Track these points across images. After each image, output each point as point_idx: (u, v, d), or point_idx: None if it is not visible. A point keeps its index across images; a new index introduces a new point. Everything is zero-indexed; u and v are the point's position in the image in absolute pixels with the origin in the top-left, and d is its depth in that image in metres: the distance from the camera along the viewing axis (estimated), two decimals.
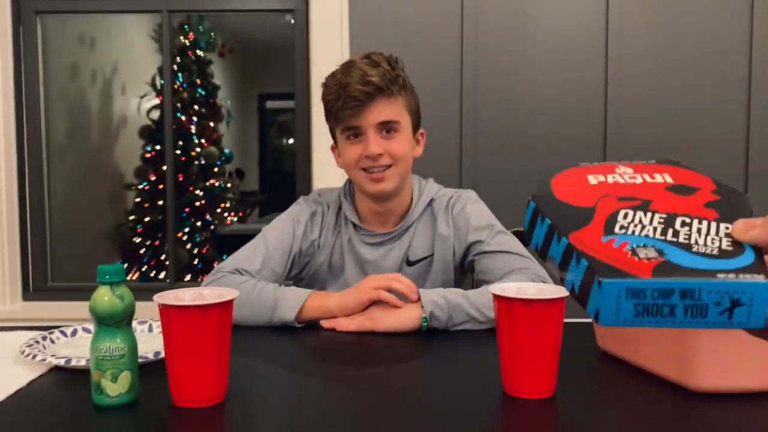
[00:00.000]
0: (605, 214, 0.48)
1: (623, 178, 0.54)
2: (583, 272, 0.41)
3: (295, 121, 2.43)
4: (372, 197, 1.34)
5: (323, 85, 1.33)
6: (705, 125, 2.30)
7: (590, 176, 0.53)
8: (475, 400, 0.80)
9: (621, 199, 0.51)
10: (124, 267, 0.80)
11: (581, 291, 0.42)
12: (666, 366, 0.86)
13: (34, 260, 2.48)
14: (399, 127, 1.31)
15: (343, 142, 1.33)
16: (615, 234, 0.46)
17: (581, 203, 0.50)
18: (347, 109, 1.27)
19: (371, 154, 1.28)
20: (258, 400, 0.81)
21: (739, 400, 0.79)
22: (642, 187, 0.53)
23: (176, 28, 4.29)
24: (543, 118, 2.30)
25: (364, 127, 1.28)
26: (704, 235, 0.46)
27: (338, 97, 1.27)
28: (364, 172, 1.30)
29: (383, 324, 1.14)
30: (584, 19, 2.28)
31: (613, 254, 0.43)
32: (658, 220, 0.47)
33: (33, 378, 0.89)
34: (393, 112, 1.29)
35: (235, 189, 4.98)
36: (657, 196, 0.51)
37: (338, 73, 1.29)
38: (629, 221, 0.47)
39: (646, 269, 0.41)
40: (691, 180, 0.54)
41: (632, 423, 0.73)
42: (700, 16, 2.28)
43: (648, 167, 0.57)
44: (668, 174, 0.55)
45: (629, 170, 0.55)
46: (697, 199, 0.51)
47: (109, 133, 4.37)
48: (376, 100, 1.27)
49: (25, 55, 2.43)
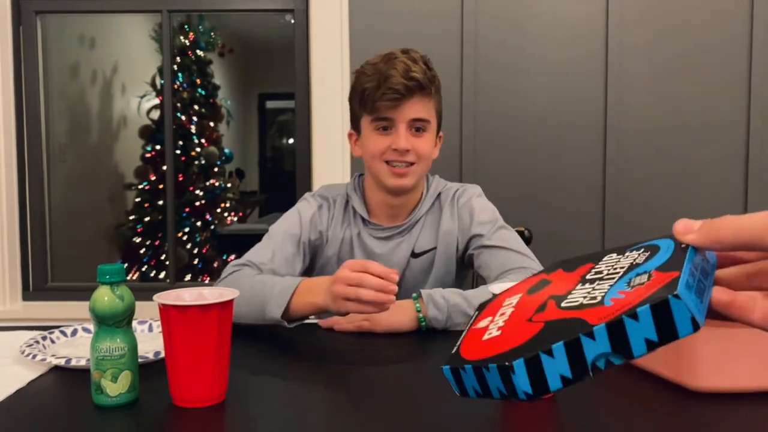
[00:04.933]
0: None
1: (510, 308, 0.52)
2: (650, 315, 0.40)
3: (295, 121, 2.43)
4: (390, 191, 1.34)
5: (359, 72, 1.33)
6: (705, 124, 2.30)
7: (485, 336, 0.50)
8: (475, 400, 0.80)
9: (531, 293, 0.51)
10: (124, 267, 0.80)
11: (660, 325, 0.40)
12: (666, 366, 0.86)
13: (34, 260, 2.48)
14: (428, 126, 1.32)
15: (371, 132, 1.33)
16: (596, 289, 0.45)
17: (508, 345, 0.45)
18: (386, 100, 1.27)
19: (400, 148, 1.28)
20: (258, 400, 0.81)
21: (739, 400, 0.79)
22: (527, 298, 0.51)
23: (176, 28, 4.29)
24: (543, 116, 2.30)
25: (397, 121, 1.29)
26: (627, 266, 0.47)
27: (378, 86, 1.27)
28: (386, 164, 1.31)
29: (381, 324, 1.14)
30: (584, 15, 2.28)
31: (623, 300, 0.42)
32: (591, 284, 0.47)
33: (33, 378, 0.89)
34: (426, 111, 1.31)
35: (235, 189, 4.98)
36: (553, 283, 0.51)
37: (379, 62, 1.29)
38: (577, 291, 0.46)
39: (658, 282, 0.41)
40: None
41: (632, 423, 0.73)
42: (700, 15, 2.28)
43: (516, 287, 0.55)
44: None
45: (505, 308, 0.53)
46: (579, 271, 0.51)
47: (109, 133, 4.37)
48: (414, 97, 1.28)
49: (25, 55, 2.43)
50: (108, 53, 4.34)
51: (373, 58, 1.32)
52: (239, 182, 5.65)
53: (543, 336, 0.43)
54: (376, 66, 1.30)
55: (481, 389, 0.45)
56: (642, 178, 2.31)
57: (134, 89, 4.45)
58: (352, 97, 1.38)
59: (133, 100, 4.47)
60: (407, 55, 1.30)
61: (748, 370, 0.81)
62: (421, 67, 1.29)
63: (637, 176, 2.31)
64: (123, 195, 4.33)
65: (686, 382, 0.82)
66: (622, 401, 0.80)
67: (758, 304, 0.42)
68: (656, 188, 2.31)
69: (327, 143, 2.28)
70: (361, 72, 1.33)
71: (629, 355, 0.40)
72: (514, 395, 0.42)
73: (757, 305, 0.42)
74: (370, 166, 1.36)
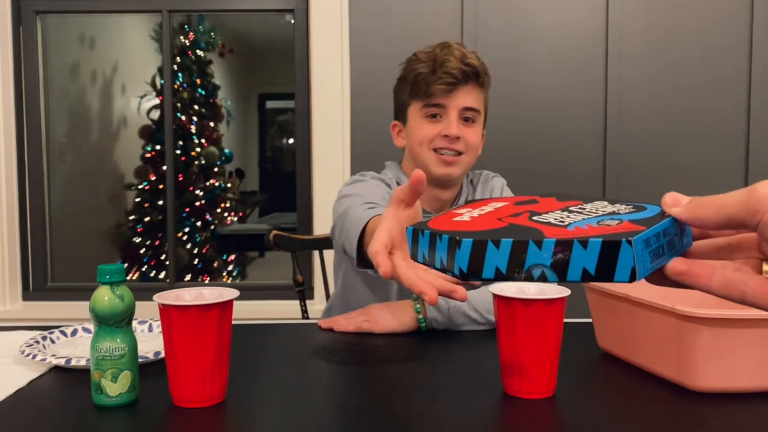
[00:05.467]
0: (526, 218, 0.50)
1: (492, 207, 0.56)
2: (598, 248, 0.42)
3: (295, 121, 2.43)
4: (435, 181, 1.32)
5: (411, 59, 1.32)
6: (705, 124, 2.30)
7: (456, 218, 0.53)
8: (475, 400, 0.80)
9: (518, 204, 0.54)
10: (124, 267, 0.80)
11: (603, 261, 0.42)
12: (666, 366, 0.86)
13: (34, 260, 2.48)
14: (477, 118, 1.32)
15: (420, 119, 1.31)
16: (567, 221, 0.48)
17: (480, 227, 0.50)
18: (442, 84, 1.26)
19: (451, 134, 1.27)
20: (258, 400, 0.81)
21: (739, 400, 0.79)
22: (513, 206, 0.55)
23: (176, 28, 4.29)
24: (543, 117, 2.30)
25: (449, 108, 1.28)
26: (610, 205, 0.51)
27: (433, 71, 1.26)
28: (434, 153, 1.29)
29: (381, 325, 1.14)
30: (584, 17, 2.28)
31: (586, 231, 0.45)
32: (569, 212, 0.50)
33: (33, 378, 0.89)
34: (478, 101, 1.31)
35: (235, 189, 4.98)
36: (539, 203, 0.54)
37: (434, 49, 1.29)
38: (556, 216, 0.49)
39: (623, 228, 0.44)
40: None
41: (632, 423, 0.73)
42: (700, 15, 2.28)
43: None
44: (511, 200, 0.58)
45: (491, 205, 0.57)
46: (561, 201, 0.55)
47: (109, 133, 4.37)
48: (469, 84, 1.28)
49: (25, 55, 2.43)
50: (108, 53, 4.34)
51: (425, 47, 1.32)
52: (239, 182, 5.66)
53: (501, 231, 0.47)
54: (430, 53, 1.29)
55: (428, 257, 0.50)
56: (642, 179, 2.31)
57: (134, 89, 4.45)
58: (400, 85, 1.36)
59: (133, 100, 4.47)
60: (460, 44, 1.31)
61: (748, 370, 0.81)
62: (476, 57, 1.30)
63: (637, 177, 2.31)
64: (123, 195, 4.33)
65: (686, 382, 0.82)
66: (622, 401, 0.80)
67: (716, 272, 0.43)
68: (656, 190, 2.31)
69: (327, 143, 2.28)
70: (413, 59, 1.32)
71: (563, 276, 0.43)
72: (451, 270, 0.47)
73: (716, 273, 0.43)
74: (416, 155, 1.32)
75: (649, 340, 0.88)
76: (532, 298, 0.79)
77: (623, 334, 0.94)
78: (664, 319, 0.84)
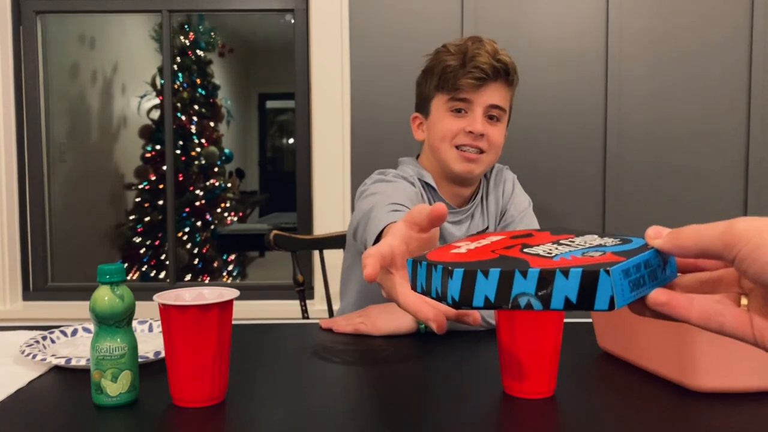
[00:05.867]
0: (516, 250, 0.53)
1: (488, 240, 0.58)
2: (579, 278, 0.44)
3: (295, 121, 2.43)
4: (456, 178, 1.29)
5: (439, 51, 1.29)
6: (705, 123, 2.30)
7: (453, 250, 0.55)
8: (475, 400, 0.80)
9: (513, 238, 0.57)
10: (124, 267, 0.80)
11: (583, 290, 0.44)
12: (666, 366, 0.86)
13: (34, 260, 2.48)
14: (502, 116, 1.29)
15: (444, 113, 1.27)
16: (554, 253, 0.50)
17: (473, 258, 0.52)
18: (471, 78, 1.23)
19: (476, 131, 1.24)
20: (258, 400, 0.81)
21: (739, 400, 0.79)
22: (507, 240, 0.57)
23: (176, 28, 4.29)
24: (543, 117, 2.30)
25: (476, 104, 1.25)
26: (597, 238, 0.54)
27: (463, 64, 1.23)
28: (456, 149, 1.26)
29: (379, 328, 1.12)
30: (583, 17, 2.28)
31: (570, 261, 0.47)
32: (558, 245, 0.53)
33: (33, 378, 0.89)
34: (505, 99, 1.28)
35: (235, 189, 4.98)
36: (534, 237, 0.57)
37: (465, 41, 1.25)
38: (544, 250, 0.51)
39: (605, 259, 0.46)
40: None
41: (632, 422, 0.73)
42: (700, 14, 2.28)
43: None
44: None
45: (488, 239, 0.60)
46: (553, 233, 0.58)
47: (109, 133, 4.37)
48: (498, 81, 1.25)
49: (26, 55, 2.43)
50: (108, 53, 4.34)
51: (455, 40, 1.29)
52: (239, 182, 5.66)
53: (491, 262, 0.49)
54: (461, 46, 1.26)
55: (426, 286, 0.53)
56: (642, 180, 2.31)
57: (134, 89, 4.45)
58: (424, 77, 1.32)
59: (133, 100, 4.47)
60: (492, 40, 1.27)
61: (748, 370, 0.81)
62: (507, 54, 1.27)
63: (637, 178, 2.31)
64: (123, 195, 4.34)
65: (686, 382, 0.83)
66: (622, 401, 0.80)
67: (696, 303, 0.46)
68: (656, 191, 2.31)
69: (327, 143, 2.28)
70: (442, 50, 1.28)
71: (547, 305, 0.46)
72: (445, 299, 0.50)
73: (695, 305, 0.46)
74: (437, 150, 1.28)
75: (649, 340, 0.88)
76: None
77: (623, 334, 0.94)
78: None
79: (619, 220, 2.30)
